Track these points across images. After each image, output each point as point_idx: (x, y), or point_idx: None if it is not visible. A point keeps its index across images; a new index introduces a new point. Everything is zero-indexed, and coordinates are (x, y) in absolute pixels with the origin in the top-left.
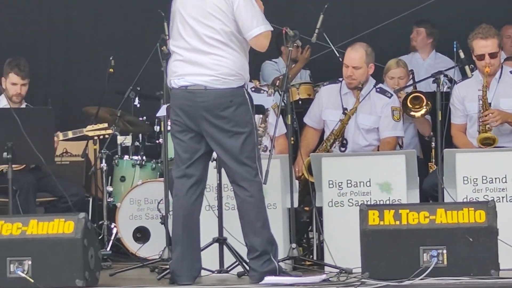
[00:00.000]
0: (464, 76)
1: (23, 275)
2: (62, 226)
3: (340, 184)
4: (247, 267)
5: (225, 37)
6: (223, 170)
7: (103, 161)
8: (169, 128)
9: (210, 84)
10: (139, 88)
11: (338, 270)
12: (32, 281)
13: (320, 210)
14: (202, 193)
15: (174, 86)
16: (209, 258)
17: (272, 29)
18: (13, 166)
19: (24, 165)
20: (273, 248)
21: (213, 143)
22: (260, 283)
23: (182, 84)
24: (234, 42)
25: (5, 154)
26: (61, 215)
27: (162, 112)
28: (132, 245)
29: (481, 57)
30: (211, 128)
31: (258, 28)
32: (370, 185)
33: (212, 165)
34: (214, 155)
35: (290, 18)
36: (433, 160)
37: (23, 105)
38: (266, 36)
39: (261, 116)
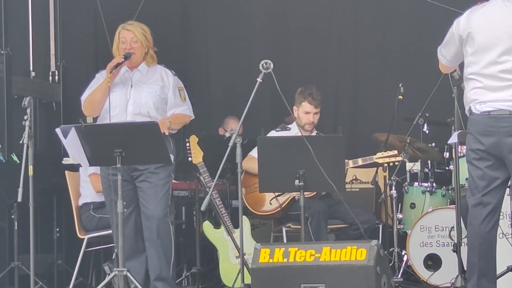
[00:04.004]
0: None
1: None
2: (355, 253)
3: None
4: None
5: None
6: None
7: (393, 188)
8: (460, 154)
9: None
10: (427, 114)
11: None
12: None
13: None
14: (498, 222)
15: (475, 112)
16: (503, 287)
17: None
18: (305, 193)
19: (315, 192)
20: None
21: None
22: None
23: (485, 110)
24: None
25: (297, 181)
26: (354, 242)
27: (453, 139)
28: (423, 273)
29: None
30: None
31: None
32: None
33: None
34: None
35: None
36: None
37: (314, 133)
38: None
39: None
